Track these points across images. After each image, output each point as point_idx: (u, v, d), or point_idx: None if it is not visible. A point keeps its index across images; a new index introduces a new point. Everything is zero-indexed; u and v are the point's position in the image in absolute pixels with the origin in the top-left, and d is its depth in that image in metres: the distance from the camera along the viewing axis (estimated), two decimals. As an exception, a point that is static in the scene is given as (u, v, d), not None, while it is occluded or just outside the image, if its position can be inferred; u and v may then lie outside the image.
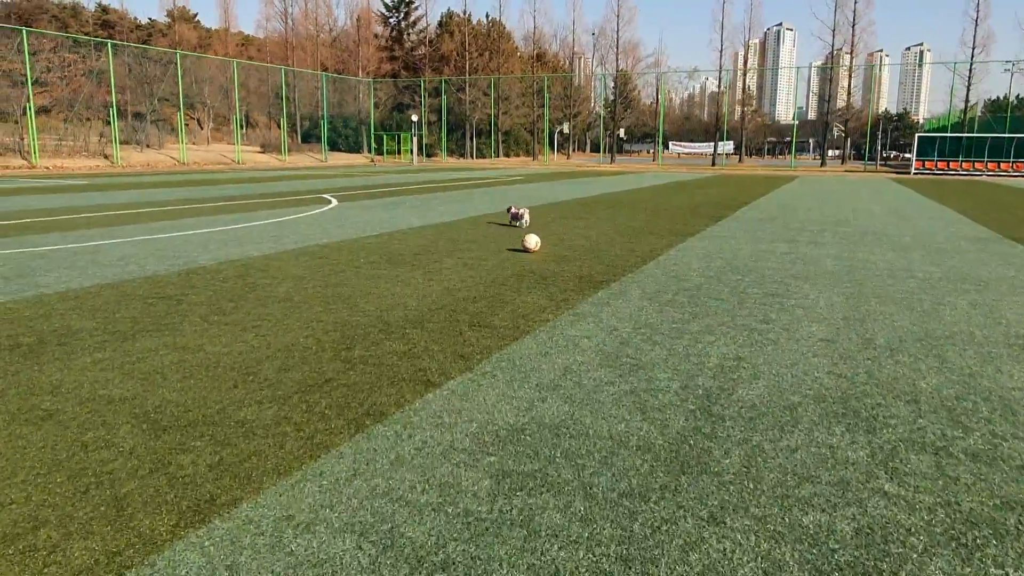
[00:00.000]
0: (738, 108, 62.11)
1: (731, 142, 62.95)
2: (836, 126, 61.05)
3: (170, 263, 7.72)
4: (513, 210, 11.66)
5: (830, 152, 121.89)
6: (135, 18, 77.77)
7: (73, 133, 40.55)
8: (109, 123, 39.36)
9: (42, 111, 46.46)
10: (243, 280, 6.77)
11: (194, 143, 56.69)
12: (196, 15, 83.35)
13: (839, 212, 15.51)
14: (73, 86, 46.99)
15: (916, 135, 45.79)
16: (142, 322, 5.10)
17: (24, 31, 33.40)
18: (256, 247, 8.99)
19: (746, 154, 65.86)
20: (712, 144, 70.01)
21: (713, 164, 57.42)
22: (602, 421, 3.32)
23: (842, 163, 62.52)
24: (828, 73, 56.62)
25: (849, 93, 58.57)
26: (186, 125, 66.35)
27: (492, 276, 7.08)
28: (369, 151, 62.94)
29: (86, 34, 55.11)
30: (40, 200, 16.75)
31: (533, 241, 8.75)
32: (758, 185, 27.85)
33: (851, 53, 57.80)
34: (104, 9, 72.88)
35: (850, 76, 58.21)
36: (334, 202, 16.88)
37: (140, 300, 5.85)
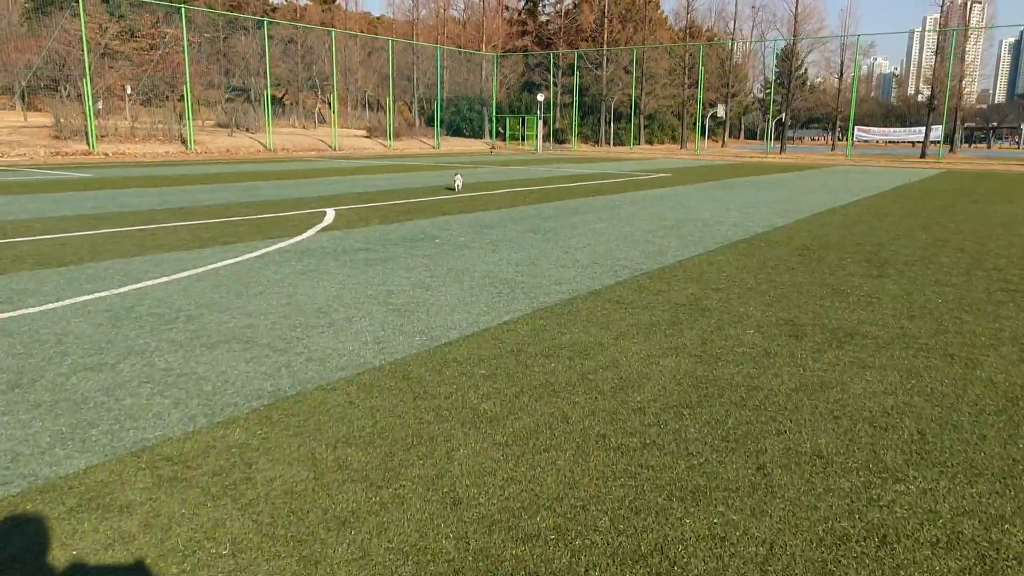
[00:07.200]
0: (948, 83, 48.52)
1: (937, 127, 49.54)
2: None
3: None
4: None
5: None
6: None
7: (155, 116, 36.13)
8: (196, 103, 34.39)
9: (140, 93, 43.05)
10: None
11: (304, 126, 51.95)
12: (337, -1, 79.66)
13: None
14: (172, 64, 43.18)
15: None
16: None
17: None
18: None
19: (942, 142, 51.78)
20: (912, 130, 56.61)
21: (922, 155, 44.76)
22: None
23: (1101, 155, 47.38)
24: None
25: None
26: (319, 109, 62.42)
27: None
28: (491, 136, 55.61)
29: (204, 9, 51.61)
30: None
31: None
32: (1056, 194, 17.17)
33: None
34: (235, -14, 70.61)
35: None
36: (314, 230, 9.16)
37: None
